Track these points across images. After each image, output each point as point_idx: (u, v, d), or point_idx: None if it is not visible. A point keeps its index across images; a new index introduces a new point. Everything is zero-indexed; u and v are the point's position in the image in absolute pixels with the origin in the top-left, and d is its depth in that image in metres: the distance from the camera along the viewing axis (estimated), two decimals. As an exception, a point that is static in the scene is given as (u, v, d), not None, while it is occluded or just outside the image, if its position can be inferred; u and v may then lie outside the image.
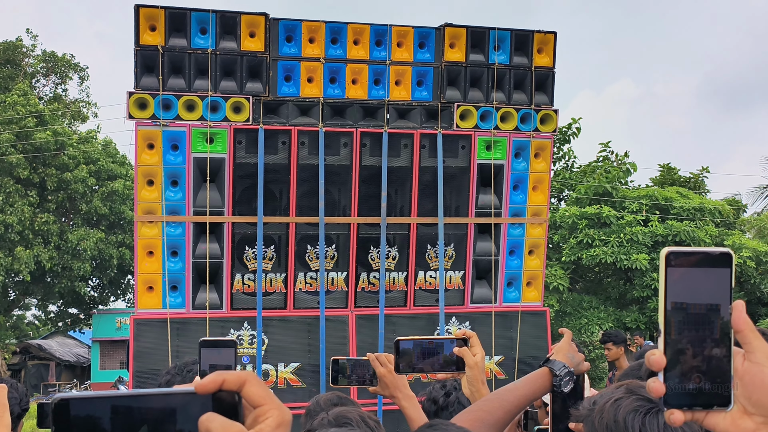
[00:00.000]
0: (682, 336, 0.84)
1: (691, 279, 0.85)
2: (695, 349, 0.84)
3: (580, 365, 1.94)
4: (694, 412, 0.85)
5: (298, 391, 5.67)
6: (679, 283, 0.84)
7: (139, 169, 5.51)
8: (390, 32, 5.74)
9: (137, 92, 5.41)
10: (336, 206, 5.93)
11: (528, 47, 5.99)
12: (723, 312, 0.85)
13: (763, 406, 0.83)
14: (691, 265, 0.85)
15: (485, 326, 6.05)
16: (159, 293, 5.58)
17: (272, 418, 0.74)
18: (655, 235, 15.69)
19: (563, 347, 1.96)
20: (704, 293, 0.85)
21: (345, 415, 1.83)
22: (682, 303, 0.84)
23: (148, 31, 5.43)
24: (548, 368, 1.89)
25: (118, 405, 0.71)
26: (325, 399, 2.34)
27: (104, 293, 26.22)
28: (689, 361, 0.84)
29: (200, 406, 0.73)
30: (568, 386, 1.88)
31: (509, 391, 1.84)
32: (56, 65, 25.20)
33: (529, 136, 6.05)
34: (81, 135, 23.50)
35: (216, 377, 0.73)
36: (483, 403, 1.80)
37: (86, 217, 22.68)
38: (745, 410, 0.84)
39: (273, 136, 5.67)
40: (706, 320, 0.84)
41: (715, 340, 0.84)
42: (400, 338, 1.99)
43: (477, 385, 1.95)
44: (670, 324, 0.84)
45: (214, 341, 1.88)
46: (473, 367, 1.97)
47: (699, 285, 0.85)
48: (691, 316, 0.84)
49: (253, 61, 5.57)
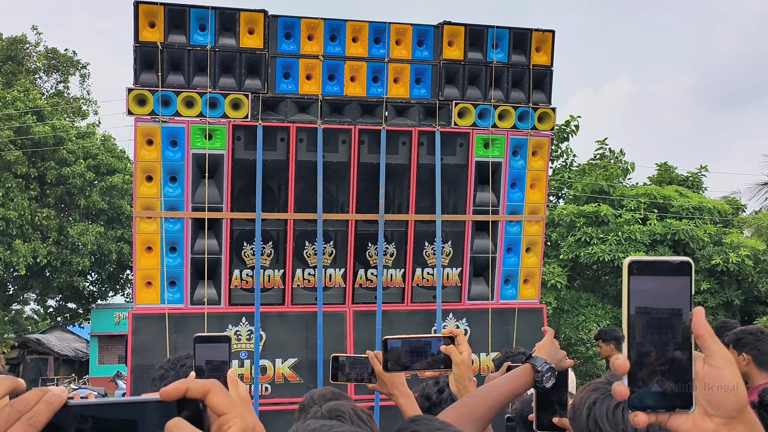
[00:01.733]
0: (645, 340, 0.87)
1: (653, 286, 0.87)
2: (658, 352, 0.87)
3: (562, 361, 2.01)
4: (658, 414, 0.88)
5: (295, 386, 5.69)
6: (641, 290, 0.87)
7: (138, 165, 5.53)
8: (389, 30, 5.76)
9: (136, 88, 5.43)
10: (334, 203, 5.95)
11: (526, 45, 6.01)
12: (685, 317, 0.87)
13: (723, 407, 0.87)
14: (653, 273, 0.88)
15: (482, 323, 6.08)
16: (157, 289, 5.60)
17: (235, 427, 0.75)
18: (653, 233, 15.72)
19: (545, 345, 2.04)
20: (666, 299, 0.87)
21: (338, 409, 1.86)
22: (645, 308, 0.87)
23: (147, 28, 5.44)
24: (530, 365, 1.96)
25: (85, 414, 0.73)
26: (319, 394, 2.37)
27: (103, 288, 26.24)
28: (652, 364, 0.87)
29: (165, 413, 0.74)
30: (550, 382, 1.94)
31: (493, 387, 1.90)
32: (58, 62, 25.20)
33: (527, 134, 6.07)
34: (80, 130, 23.50)
35: (179, 385, 0.75)
36: (468, 398, 1.84)
37: (85, 211, 22.70)
38: (706, 412, 0.88)
39: (271, 132, 5.69)
40: (669, 324, 0.87)
41: (677, 344, 0.87)
42: (388, 337, 2.04)
43: (464, 383, 2.00)
44: (634, 328, 0.87)
45: (208, 337, 1.90)
46: (460, 365, 2.02)
47: (661, 292, 0.87)
48: (654, 321, 0.87)
49: (252, 58, 5.59)
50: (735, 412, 0.87)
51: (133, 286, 5.72)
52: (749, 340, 4.01)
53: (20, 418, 0.71)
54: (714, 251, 15.75)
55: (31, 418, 0.71)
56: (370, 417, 1.90)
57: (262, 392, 5.66)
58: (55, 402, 0.72)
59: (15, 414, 0.71)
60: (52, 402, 0.72)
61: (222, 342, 1.81)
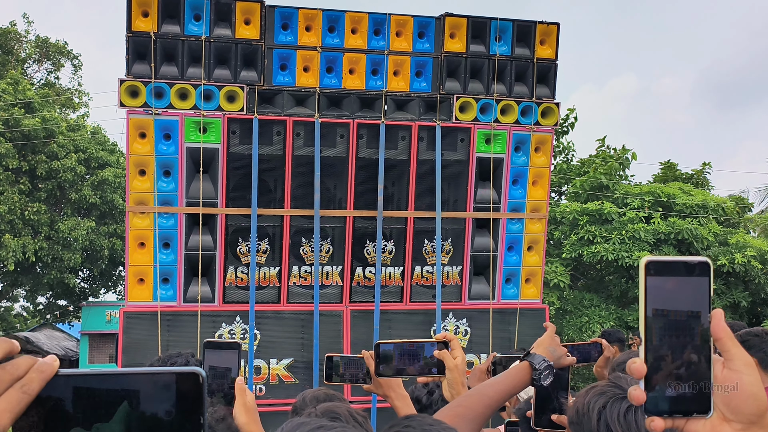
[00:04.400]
0: (663, 343, 0.86)
1: (670, 287, 0.86)
2: (676, 356, 0.86)
3: (561, 359, 2.01)
4: (675, 419, 0.87)
5: (290, 387, 5.69)
6: (659, 292, 0.86)
7: (130, 158, 5.51)
8: (389, 21, 5.74)
9: (129, 80, 5.41)
10: (332, 199, 5.94)
11: (530, 38, 5.99)
12: (703, 319, 0.86)
13: (742, 413, 0.85)
14: (671, 274, 0.87)
15: (483, 323, 6.08)
16: (150, 286, 5.59)
17: None
18: (657, 232, 15.72)
19: (544, 341, 2.04)
20: (684, 301, 0.86)
21: (333, 410, 1.85)
22: (663, 310, 0.86)
23: (140, 17, 5.42)
24: (528, 362, 1.95)
25: (78, 385, 0.73)
26: (312, 395, 2.36)
27: (94, 285, 26.22)
28: (670, 368, 0.86)
29: (162, 386, 0.74)
30: (548, 380, 1.94)
31: (489, 386, 1.90)
32: (49, 51, 25.16)
33: (530, 129, 6.06)
34: (70, 122, 23.46)
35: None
36: (463, 398, 1.85)
37: (77, 206, 22.66)
38: (724, 417, 0.86)
39: (268, 126, 5.68)
40: (687, 327, 0.86)
41: (695, 347, 0.86)
42: (381, 341, 2.04)
43: (457, 388, 2.00)
44: (652, 331, 0.86)
45: (218, 343, 1.91)
46: (453, 370, 2.02)
47: (679, 293, 0.86)
48: (671, 323, 0.86)
49: (248, 49, 5.57)
50: (755, 418, 0.86)
51: (125, 282, 5.71)
52: (755, 342, 4.00)
53: (13, 384, 0.71)
54: (720, 251, 15.77)
55: (24, 386, 0.71)
56: (365, 419, 1.90)
57: (256, 393, 5.65)
58: (47, 371, 0.72)
59: (7, 378, 0.71)
60: (44, 371, 0.72)
61: (232, 349, 1.82)
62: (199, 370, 0.75)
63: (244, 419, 1.78)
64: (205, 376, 0.75)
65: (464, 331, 6.11)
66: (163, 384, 0.74)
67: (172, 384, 0.74)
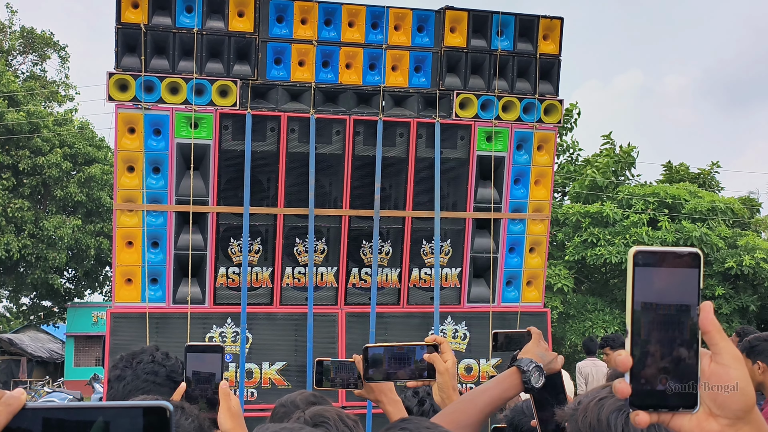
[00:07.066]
0: (651, 336, 0.87)
1: (659, 279, 0.88)
2: (663, 349, 0.87)
3: (552, 363, 2.03)
4: (660, 414, 0.89)
5: (283, 391, 5.69)
6: (647, 283, 0.87)
7: (119, 154, 5.51)
8: (387, 14, 5.76)
9: (118, 73, 5.42)
10: (327, 197, 5.95)
11: (533, 33, 6.01)
12: (692, 313, 0.88)
13: (729, 408, 0.87)
14: (660, 264, 0.88)
15: (482, 327, 6.09)
16: (138, 286, 5.59)
17: None
18: (664, 240, 15.70)
19: (531, 348, 2.06)
20: (673, 293, 0.88)
21: (322, 414, 1.86)
22: (651, 303, 0.87)
23: (130, 8, 5.42)
24: (516, 366, 1.98)
25: (47, 417, 0.75)
26: (302, 398, 2.38)
27: (80, 285, 26.20)
28: (656, 362, 0.87)
29: (130, 418, 0.77)
30: (539, 381, 1.96)
31: (481, 392, 1.94)
32: (34, 42, 25.12)
33: (532, 127, 6.07)
34: (57, 116, 23.42)
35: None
36: (457, 404, 1.89)
37: (62, 203, 22.63)
38: (711, 412, 0.88)
39: (261, 122, 5.68)
40: (676, 321, 0.87)
41: (684, 341, 0.87)
42: (369, 345, 2.07)
43: (448, 392, 2.03)
44: (639, 324, 0.88)
45: (200, 346, 1.92)
46: (444, 374, 2.04)
47: (668, 285, 0.88)
48: (660, 317, 0.87)
49: (242, 42, 5.58)
50: (741, 413, 0.87)
51: (112, 283, 5.72)
52: (764, 347, 4.02)
53: None
54: (728, 254, 15.80)
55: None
56: (356, 423, 1.91)
57: (248, 397, 5.66)
58: (14, 404, 0.73)
59: None
60: (10, 404, 0.73)
61: (215, 352, 1.83)
62: (166, 404, 0.78)
63: (229, 425, 1.79)
64: (173, 410, 0.78)
65: (463, 335, 6.12)
66: (130, 418, 0.77)
67: (140, 418, 0.77)
